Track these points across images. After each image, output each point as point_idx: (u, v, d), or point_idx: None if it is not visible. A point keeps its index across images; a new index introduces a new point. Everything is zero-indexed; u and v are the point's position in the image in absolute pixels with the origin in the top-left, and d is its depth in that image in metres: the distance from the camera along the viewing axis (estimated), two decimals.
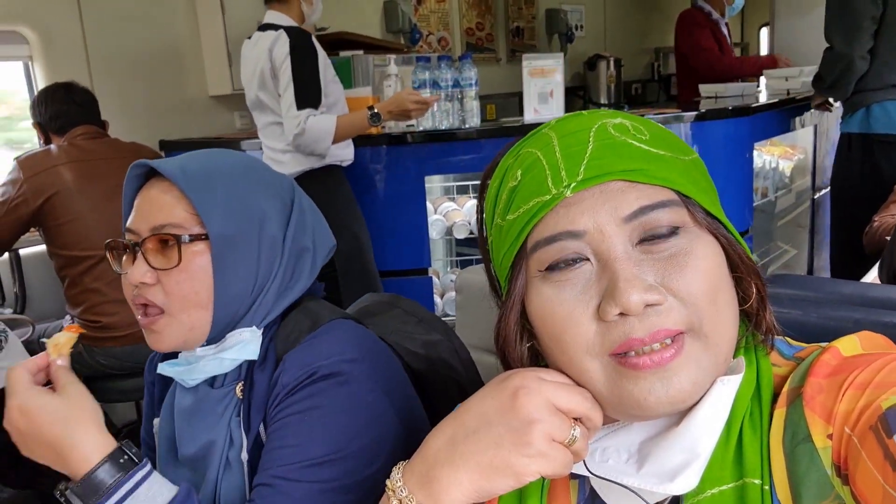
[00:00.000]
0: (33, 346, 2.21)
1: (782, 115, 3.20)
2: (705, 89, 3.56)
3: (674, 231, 0.57)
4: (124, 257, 0.90)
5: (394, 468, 0.62)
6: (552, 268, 0.58)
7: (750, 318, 0.62)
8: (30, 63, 2.78)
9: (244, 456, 0.89)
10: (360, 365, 0.88)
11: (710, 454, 0.56)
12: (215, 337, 0.91)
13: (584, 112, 0.64)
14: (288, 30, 2.38)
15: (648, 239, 0.57)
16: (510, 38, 5.25)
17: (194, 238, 0.86)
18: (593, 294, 0.56)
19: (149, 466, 0.81)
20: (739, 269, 0.60)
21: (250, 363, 0.91)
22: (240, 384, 0.91)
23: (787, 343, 0.64)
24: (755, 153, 2.98)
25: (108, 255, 0.91)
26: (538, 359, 0.65)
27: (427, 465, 0.59)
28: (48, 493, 2.19)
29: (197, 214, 0.87)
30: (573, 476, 0.65)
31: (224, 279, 0.87)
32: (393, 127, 2.88)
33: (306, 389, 0.85)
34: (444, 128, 2.74)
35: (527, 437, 0.55)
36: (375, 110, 2.37)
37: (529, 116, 2.85)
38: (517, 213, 0.60)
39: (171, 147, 3.06)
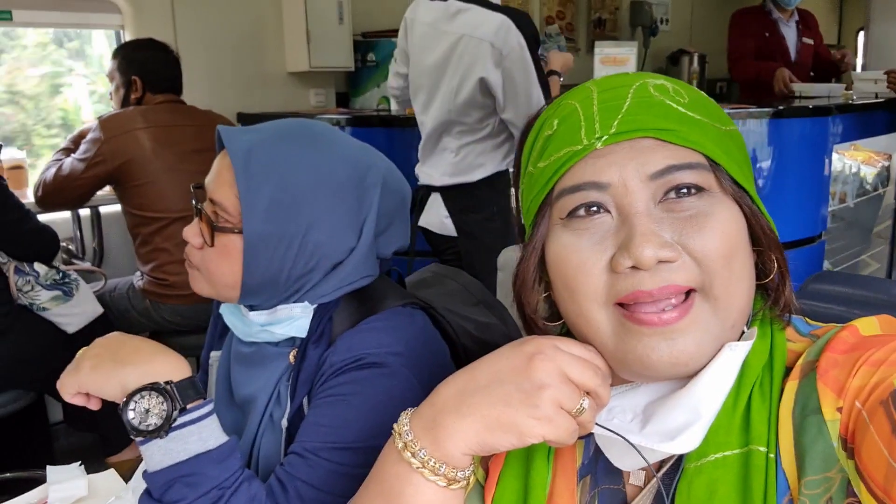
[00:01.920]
0: (105, 298, 2.35)
1: (868, 118, 3.05)
2: (798, 88, 3.44)
3: (697, 192, 0.58)
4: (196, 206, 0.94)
5: (402, 413, 0.63)
6: (573, 214, 0.59)
7: (769, 293, 0.62)
8: (121, 32, 2.94)
9: (284, 423, 0.92)
10: (405, 360, 0.89)
11: (713, 416, 0.56)
12: (259, 304, 0.94)
13: (629, 72, 0.64)
14: (513, 17, 2.12)
15: (672, 197, 0.57)
16: (591, 28, 5.18)
17: (229, 230, 0.89)
18: (609, 245, 0.57)
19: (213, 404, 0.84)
20: (761, 243, 0.60)
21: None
22: (293, 351, 0.94)
23: (805, 321, 0.64)
24: (836, 156, 2.86)
25: (194, 195, 0.95)
26: (551, 312, 0.66)
27: (434, 412, 0.60)
28: (108, 436, 2.33)
29: None
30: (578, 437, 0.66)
31: (252, 270, 0.89)
32: None
33: (350, 374, 0.88)
34: None
35: (535, 399, 0.56)
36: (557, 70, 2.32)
37: None
38: (548, 161, 0.61)
39: (247, 119, 3.17)
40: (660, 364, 0.56)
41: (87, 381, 0.80)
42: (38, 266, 2.04)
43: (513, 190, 0.72)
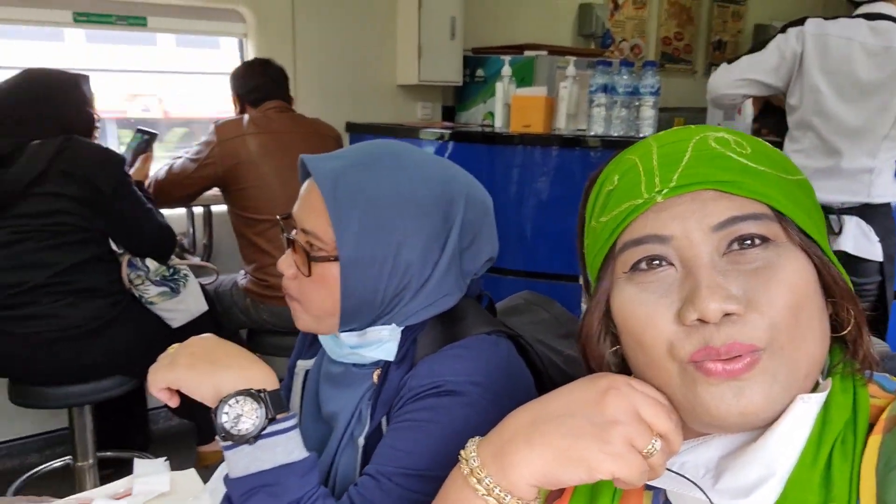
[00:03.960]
0: (212, 293, 2.46)
1: None
2: None
3: (762, 243, 0.57)
4: (286, 237, 0.95)
5: (469, 440, 0.63)
6: (636, 268, 0.60)
7: (847, 346, 0.60)
8: (244, 40, 3.08)
9: (361, 441, 0.93)
10: (485, 391, 0.88)
11: (787, 472, 0.55)
12: (353, 327, 0.94)
13: (691, 126, 0.64)
14: None
15: (736, 248, 0.57)
16: (710, 51, 5.00)
17: (325, 258, 0.90)
18: (675, 299, 0.57)
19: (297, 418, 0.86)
20: (834, 294, 0.59)
21: None
22: (377, 371, 0.94)
23: (890, 378, 0.62)
24: None
25: (281, 224, 0.97)
26: (620, 365, 0.66)
27: (503, 441, 0.59)
28: (202, 426, 2.44)
29: None
30: (648, 487, 0.64)
31: (349, 294, 0.90)
32: (563, 129, 2.86)
33: (428, 400, 0.87)
34: (615, 134, 2.68)
35: (607, 434, 0.55)
36: None
37: None
38: (610, 215, 0.62)
39: (355, 129, 3.25)
40: (728, 415, 0.55)
41: (181, 378, 0.82)
42: (149, 262, 2.14)
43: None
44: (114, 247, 2.07)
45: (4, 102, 1.97)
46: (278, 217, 0.97)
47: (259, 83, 2.52)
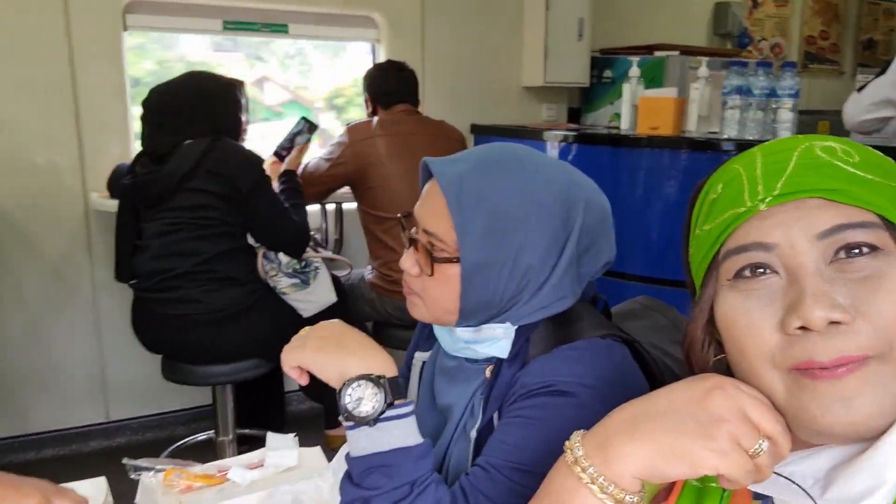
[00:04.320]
0: (344, 285, 2.57)
1: None
2: None
3: (870, 251, 0.56)
4: (407, 235, 1.00)
5: (573, 432, 0.65)
6: (739, 275, 0.60)
7: None
8: (376, 45, 3.21)
9: (473, 434, 0.96)
10: (595, 393, 0.89)
11: None
12: (470, 324, 0.98)
13: (799, 135, 0.64)
14: None
15: (842, 257, 0.56)
16: (860, 50, 4.68)
17: (447, 260, 0.93)
18: (778, 307, 0.57)
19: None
20: None
21: None
22: (490, 367, 0.98)
23: None
24: None
25: (402, 222, 1.01)
26: (725, 374, 0.65)
27: (607, 434, 0.60)
28: (331, 411, 2.56)
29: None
30: (756, 496, 0.63)
31: (469, 295, 0.93)
32: (693, 132, 2.78)
33: (539, 398, 0.89)
34: (750, 137, 2.58)
35: (712, 431, 0.55)
36: None
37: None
38: (713, 224, 0.63)
39: (480, 131, 3.30)
40: (835, 425, 0.54)
41: (310, 359, 0.87)
42: (281, 255, 2.27)
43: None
44: (251, 240, 2.23)
45: (168, 102, 2.15)
46: (398, 215, 1.01)
47: (391, 86, 2.62)
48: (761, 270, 0.58)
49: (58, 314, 2.72)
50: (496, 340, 0.95)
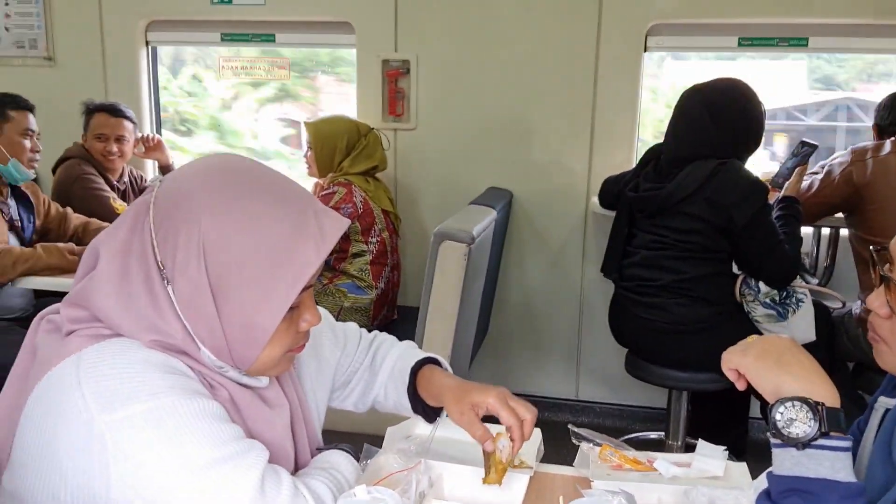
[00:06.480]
0: (837, 322, 2.41)
1: None
2: None
3: None
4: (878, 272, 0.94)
5: None
6: None
7: None
8: None
9: None
10: None
11: None
12: None
13: None
14: None
15: None
16: None
17: None
18: None
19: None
20: None
21: None
22: None
23: None
24: None
25: (874, 257, 0.96)
26: None
27: None
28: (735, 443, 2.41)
29: None
30: None
31: None
32: None
33: None
34: None
35: None
36: None
37: None
38: None
39: None
40: None
41: (748, 365, 0.90)
42: (762, 284, 2.21)
43: None
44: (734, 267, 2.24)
45: (701, 118, 2.17)
46: (871, 248, 0.96)
47: None
48: None
49: (550, 295, 3.15)
50: None
